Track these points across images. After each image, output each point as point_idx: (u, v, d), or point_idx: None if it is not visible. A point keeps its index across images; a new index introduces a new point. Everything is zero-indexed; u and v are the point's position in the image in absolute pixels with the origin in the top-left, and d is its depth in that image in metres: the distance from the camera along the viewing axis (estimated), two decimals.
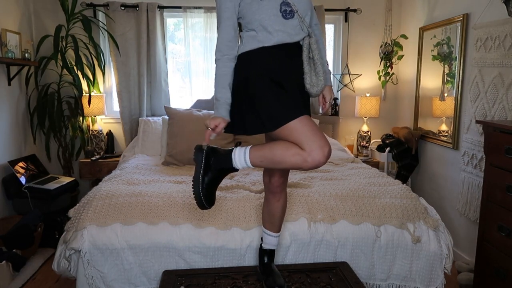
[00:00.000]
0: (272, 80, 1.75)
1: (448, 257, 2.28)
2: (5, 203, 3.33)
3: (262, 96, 1.72)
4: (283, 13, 1.77)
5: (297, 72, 1.81)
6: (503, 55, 2.63)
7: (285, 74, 1.78)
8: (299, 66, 1.81)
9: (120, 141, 4.13)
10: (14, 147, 3.53)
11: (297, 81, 1.80)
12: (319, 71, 1.80)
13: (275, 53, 1.78)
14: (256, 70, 1.77)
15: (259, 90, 1.74)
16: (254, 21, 1.79)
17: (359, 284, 2.03)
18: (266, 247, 2.06)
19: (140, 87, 3.96)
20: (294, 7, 1.77)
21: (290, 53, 1.81)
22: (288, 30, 1.78)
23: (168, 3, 3.93)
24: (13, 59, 3.27)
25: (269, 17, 1.77)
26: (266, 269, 2.03)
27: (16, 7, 3.58)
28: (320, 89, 1.82)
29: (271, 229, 2.03)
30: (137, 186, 2.60)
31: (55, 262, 2.22)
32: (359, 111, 4.12)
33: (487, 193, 2.32)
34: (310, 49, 1.80)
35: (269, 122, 1.69)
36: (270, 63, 1.78)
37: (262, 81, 1.74)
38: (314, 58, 1.80)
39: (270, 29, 1.77)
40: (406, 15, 4.09)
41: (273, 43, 1.78)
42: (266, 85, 1.74)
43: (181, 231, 2.20)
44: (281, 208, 1.99)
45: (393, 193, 2.49)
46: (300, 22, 1.79)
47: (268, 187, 1.98)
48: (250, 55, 1.80)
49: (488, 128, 2.32)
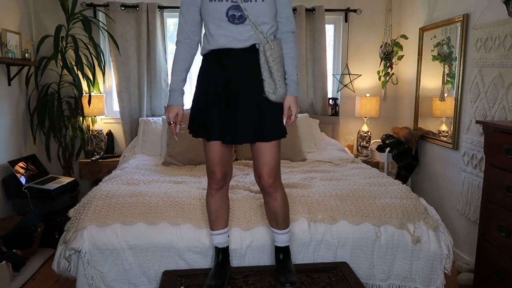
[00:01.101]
0: (206, 91, 1.86)
1: (448, 258, 2.28)
2: (5, 203, 3.33)
3: (192, 104, 1.92)
4: (230, 18, 1.76)
5: (245, 77, 1.81)
6: (503, 55, 2.63)
7: (221, 84, 1.83)
8: (252, 71, 1.80)
9: (120, 141, 4.13)
10: (14, 147, 3.53)
11: (240, 87, 1.82)
12: (277, 79, 1.79)
13: (218, 58, 1.83)
14: (199, 79, 1.91)
15: (194, 97, 1.93)
16: (204, 22, 1.86)
17: (359, 284, 2.03)
18: (279, 244, 2.06)
19: (140, 87, 3.96)
20: (245, 12, 1.74)
21: (238, 59, 1.81)
22: (235, 35, 1.78)
23: (168, 3, 3.93)
24: (13, 59, 3.27)
25: (213, 20, 1.79)
26: (281, 266, 2.03)
27: (16, 7, 3.58)
28: (279, 97, 1.82)
29: (278, 227, 2.03)
30: (137, 186, 2.60)
31: (55, 262, 2.22)
32: (359, 111, 4.12)
33: (487, 193, 2.32)
34: (265, 56, 1.78)
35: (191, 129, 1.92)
36: (211, 72, 1.86)
37: (198, 90, 1.91)
38: (269, 66, 1.78)
39: (213, 32, 1.80)
40: (406, 15, 4.09)
41: (214, 47, 1.81)
42: (197, 95, 1.91)
43: (181, 231, 2.20)
44: (281, 206, 1.99)
45: (393, 193, 2.49)
46: (253, 28, 1.77)
47: (261, 188, 1.99)
48: (202, 60, 1.91)
49: (488, 128, 2.32)
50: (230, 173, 2.04)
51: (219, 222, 2.04)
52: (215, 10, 1.77)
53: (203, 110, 1.87)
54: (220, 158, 1.92)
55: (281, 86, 1.80)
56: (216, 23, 1.78)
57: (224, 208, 2.05)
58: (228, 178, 2.03)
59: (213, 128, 1.85)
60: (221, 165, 1.94)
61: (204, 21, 1.85)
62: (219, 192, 2.00)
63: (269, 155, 1.89)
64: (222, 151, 1.91)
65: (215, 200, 2.01)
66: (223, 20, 1.76)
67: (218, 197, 2.01)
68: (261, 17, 1.77)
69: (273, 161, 1.91)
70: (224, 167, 1.95)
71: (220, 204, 2.03)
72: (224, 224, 2.07)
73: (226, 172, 1.98)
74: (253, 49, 1.80)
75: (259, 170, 1.93)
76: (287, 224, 2.04)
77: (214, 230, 2.05)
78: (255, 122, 1.83)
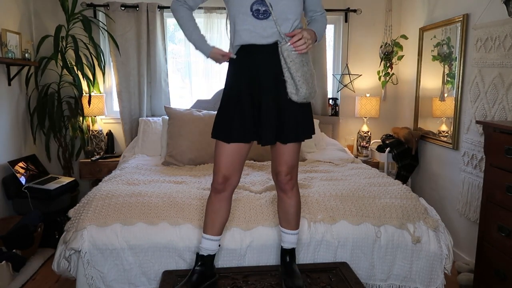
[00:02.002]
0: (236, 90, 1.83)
1: (448, 258, 2.28)
2: (5, 203, 3.33)
3: (220, 106, 1.89)
4: (255, 12, 1.72)
5: (270, 76, 1.78)
6: (503, 55, 2.63)
7: (246, 84, 1.81)
8: (277, 70, 1.76)
9: (120, 141, 4.13)
10: (14, 147, 3.53)
11: (265, 87, 1.79)
12: (297, 79, 1.74)
13: (243, 56, 1.81)
14: (228, 77, 1.89)
15: (223, 97, 1.89)
16: (228, 16, 1.82)
17: (359, 284, 2.03)
18: (285, 246, 2.06)
19: (140, 87, 3.96)
20: (269, 8, 1.71)
21: (262, 57, 1.78)
22: (259, 30, 1.74)
23: (168, 3, 3.89)
24: (13, 59, 3.27)
25: (238, 14, 1.75)
26: (287, 269, 2.03)
27: (16, 7, 3.58)
28: (301, 97, 1.77)
29: (288, 227, 2.03)
30: (137, 186, 2.60)
31: (55, 262, 2.22)
32: (359, 111, 4.12)
33: (487, 193, 2.32)
34: (283, 56, 1.73)
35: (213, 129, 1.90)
36: (236, 71, 1.85)
37: (228, 89, 1.87)
38: (288, 66, 1.74)
39: (238, 27, 1.77)
40: (406, 16, 4.09)
41: (239, 43, 1.79)
42: (226, 96, 1.86)
43: (181, 231, 2.20)
44: (294, 205, 1.99)
45: (393, 193, 2.49)
46: (276, 24, 1.73)
47: (277, 185, 1.99)
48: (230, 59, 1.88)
49: (488, 129, 2.32)
50: (234, 181, 1.93)
51: (212, 227, 1.97)
52: (240, 4, 1.74)
53: (228, 111, 1.84)
54: (227, 159, 1.86)
55: (301, 86, 1.75)
56: (241, 18, 1.75)
57: (220, 215, 1.96)
58: (229, 186, 1.93)
59: (234, 129, 1.81)
60: (225, 167, 1.87)
61: (230, 16, 1.81)
62: (217, 196, 1.94)
63: (289, 154, 1.89)
64: (232, 153, 1.86)
65: (212, 202, 1.96)
66: (247, 15, 1.73)
67: (215, 200, 1.94)
68: (285, 13, 1.74)
69: (293, 161, 1.91)
70: (227, 170, 1.88)
71: (218, 210, 1.95)
72: (216, 232, 1.98)
73: (228, 177, 1.89)
74: (276, 47, 1.76)
75: (277, 168, 1.93)
76: (297, 225, 2.04)
77: (205, 233, 1.98)
78: (278, 123, 1.81)
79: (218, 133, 1.87)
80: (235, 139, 1.83)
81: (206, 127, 3.35)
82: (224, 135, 1.84)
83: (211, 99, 3.93)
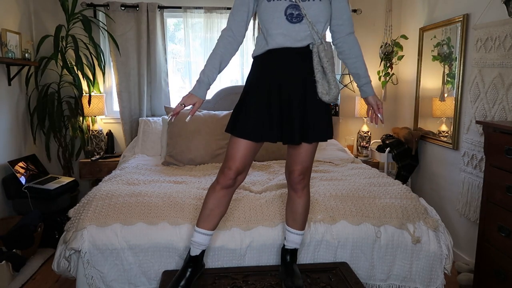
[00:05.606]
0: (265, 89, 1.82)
1: (448, 258, 2.28)
2: (5, 203, 3.33)
3: (239, 103, 1.88)
4: (288, 17, 1.76)
5: (299, 77, 1.81)
6: (503, 55, 2.63)
7: (275, 85, 1.81)
8: (306, 72, 1.79)
9: (120, 141, 4.13)
10: (14, 147, 3.53)
11: (293, 89, 1.81)
12: (331, 79, 1.78)
13: (274, 58, 1.81)
14: (249, 80, 1.90)
15: (243, 95, 1.89)
16: (261, 21, 1.84)
17: (359, 284, 2.03)
18: (288, 245, 2.06)
19: (140, 87, 3.96)
20: (303, 11, 1.74)
21: (292, 59, 1.80)
22: (292, 34, 1.77)
23: (168, 3, 3.93)
24: (13, 59, 3.27)
25: (272, 19, 1.78)
26: (287, 269, 2.03)
27: (16, 7, 3.58)
28: (333, 97, 1.81)
29: (294, 227, 2.03)
30: (137, 186, 2.60)
31: (55, 262, 2.22)
32: (359, 111, 4.12)
33: (487, 193, 2.32)
34: (319, 57, 1.77)
35: (228, 124, 1.89)
36: (264, 72, 1.84)
37: (254, 88, 1.86)
38: (323, 66, 1.77)
39: (271, 32, 1.79)
40: (406, 16, 4.09)
41: (271, 46, 1.80)
42: (251, 95, 1.85)
43: (181, 231, 2.20)
44: (303, 205, 2.01)
45: (393, 193, 2.49)
46: (310, 27, 1.77)
47: (289, 183, 2.01)
48: (256, 60, 1.88)
49: (488, 129, 2.32)
50: (243, 178, 1.95)
51: (209, 221, 1.94)
52: (274, 9, 1.76)
53: (257, 110, 1.83)
54: (244, 155, 1.87)
55: (335, 86, 1.79)
56: (275, 22, 1.77)
57: (220, 209, 1.95)
58: (238, 182, 1.94)
59: (263, 129, 1.82)
60: (241, 163, 1.87)
61: (262, 21, 1.83)
62: (223, 191, 1.91)
63: (306, 154, 1.91)
64: (249, 150, 1.87)
65: (216, 197, 1.92)
66: (281, 19, 1.76)
67: (221, 195, 1.92)
68: (317, 16, 1.77)
69: (308, 161, 1.94)
70: (241, 166, 1.88)
71: (219, 204, 1.93)
72: (212, 226, 1.96)
73: (241, 171, 1.90)
74: (308, 50, 1.80)
75: (292, 166, 1.94)
76: (304, 226, 2.05)
77: (199, 227, 1.95)
78: (301, 123, 1.82)
79: (242, 131, 1.85)
80: (264, 138, 1.85)
81: (206, 127, 3.35)
82: (254, 135, 1.84)
83: (211, 99, 3.93)
